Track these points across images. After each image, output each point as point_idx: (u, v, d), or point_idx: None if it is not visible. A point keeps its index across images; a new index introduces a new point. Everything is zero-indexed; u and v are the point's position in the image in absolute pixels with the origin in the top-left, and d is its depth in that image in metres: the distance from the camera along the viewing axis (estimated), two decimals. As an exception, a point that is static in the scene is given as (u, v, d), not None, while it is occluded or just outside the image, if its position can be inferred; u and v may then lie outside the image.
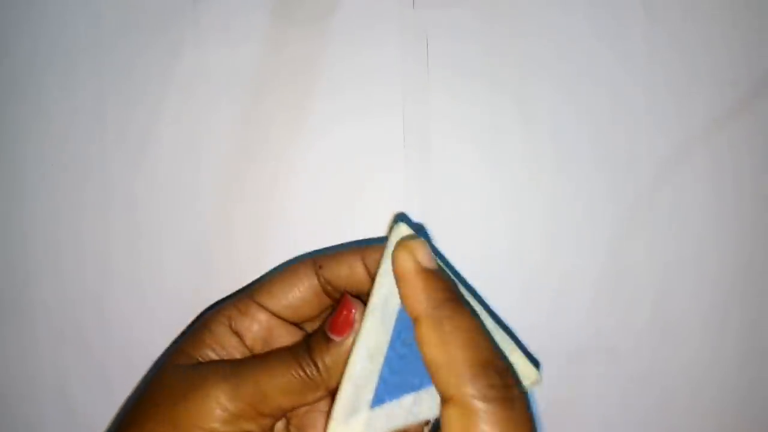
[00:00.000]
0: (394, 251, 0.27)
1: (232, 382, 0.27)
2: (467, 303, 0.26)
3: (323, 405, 0.31)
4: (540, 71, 0.36)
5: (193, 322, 0.36)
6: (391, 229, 0.28)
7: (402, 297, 0.26)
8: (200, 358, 0.29)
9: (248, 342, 0.29)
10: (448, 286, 0.26)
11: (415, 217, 0.36)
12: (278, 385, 0.27)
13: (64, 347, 0.36)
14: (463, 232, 0.36)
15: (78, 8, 0.36)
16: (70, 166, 0.36)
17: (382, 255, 0.28)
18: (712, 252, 0.36)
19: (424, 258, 0.26)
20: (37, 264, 0.37)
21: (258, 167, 0.36)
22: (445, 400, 0.24)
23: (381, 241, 0.29)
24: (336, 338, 0.27)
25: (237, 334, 0.29)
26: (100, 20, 0.36)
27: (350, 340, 0.27)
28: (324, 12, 0.36)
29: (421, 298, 0.25)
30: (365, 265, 0.29)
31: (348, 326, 0.27)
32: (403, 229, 0.28)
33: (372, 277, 0.28)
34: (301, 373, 0.27)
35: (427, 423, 0.29)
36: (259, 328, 0.29)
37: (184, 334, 0.35)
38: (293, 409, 0.28)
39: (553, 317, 0.36)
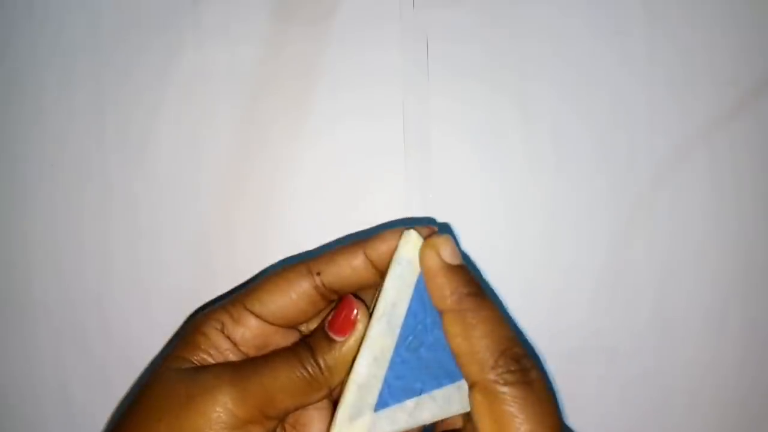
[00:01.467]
0: (421, 248, 0.27)
1: (238, 385, 0.26)
2: (491, 294, 0.27)
3: (317, 403, 0.30)
4: (540, 71, 0.36)
5: (183, 326, 0.35)
6: (401, 235, 0.28)
7: (429, 292, 0.27)
8: (197, 362, 0.28)
9: (242, 348, 0.29)
10: (470, 280, 0.27)
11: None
12: (283, 387, 0.27)
13: (64, 347, 0.36)
14: (463, 232, 0.36)
15: (78, 8, 0.36)
16: (70, 166, 0.36)
17: (386, 249, 0.28)
18: (712, 252, 0.36)
19: (448, 255, 0.27)
20: (37, 264, 0.37)
21: (258, 167, 0.36)
22: (471, 387, 0.26)
23: (377, 231, 0.29)
24: (338, 338, 0.27)
25: (230, 339, 0.29)
26: (100, 20, 0.36)
27: (352, 339, 0.27)
28: (324, 12, 0.36)
29: (446, 294, 0.26)
30: (370, 260, 0.29)
31: (350, 326, 0.27)
32: (413, 236, 0.28)
33: (378, 270, 0.28)
34: (305, 373, 0.27)
35: (424, 427, 0.29)
36: (252, 335, 0.29)
37: (176, 337, 0.35)
38: (296, 409, 0.28)
39: (553, 317, 0.36)
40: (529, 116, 0.36)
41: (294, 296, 0.29)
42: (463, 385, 0.27)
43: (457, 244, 0.29)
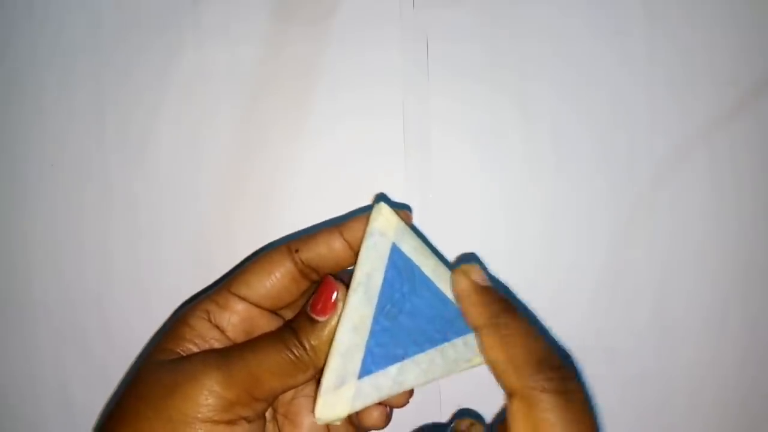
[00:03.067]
0: (453, 274, 0.29)
1: (224, 369, 0.27)
2: (523, 309, 0.28)
3: (308, 391, 0.31)
4: (540, 71, 0.36)
5: (169, 320, 0.35)
6: (372, 208, 0.29)
7: (463, 312, 0.28)
8: (182, 353, 0.28)
9: (230, 334, 0.29)
10: (502, 298, 0.28)
11: (415, 217, 0.36)
12: (269, 368, 0.27)
13: (64, 347, 0.37)
14: (463, 232, 0.36)
15: (78, 8, 0.36)
16: (70, 166, 0.36)
17: (362, 231, 0.29)
18: (712, 252, 0.36)
19: (478, 277, 0.28)
20: (37, 264, 0.37)
21: (258, 167, 0.36)
22: (509, 396, 0.26)
23: (355, 215, 0.29)
24: (320, 319, 0.28)
25: (217, 327, 0.29)
26: (100, 20, 0.36)
27: (334, 320, 0.28)
28: (324, 12, 0.36)
29: (480, 311, 0.27)
30: (346, 240, 0.29)
31: (331, 307, 0.28)
32: (384, 209, 0.29)
33: (354, 251, 0.29)
34: (290, 355, 0.28)
35: (411, 392, 0.30)
36: (239, 319, 0.29)
37: (160, 332, 0.35)
38: (284, 391, 0.28)
39: (553, 317, 0.36)
40: (529, 116, 0.36)
41: (278, 275, 0.29)
42: (446, 349, 0.28)
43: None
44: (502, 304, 0.27)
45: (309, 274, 0.30)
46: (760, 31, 0.36)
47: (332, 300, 0.28)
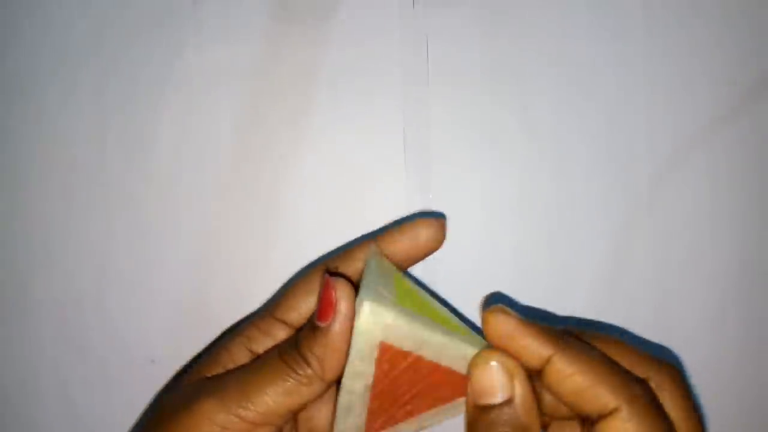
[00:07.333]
0: (488, 316, 0.25)
1: (218, 396, 0.26)
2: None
3: (326, 396, 0.30)
4: (540, 71, 0.36)
5: (212, 344, 0.35)
6: (366, 264, 0.27)
7: (515, 353, 0.25)
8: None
9: None
10: (548, 326, 0.26)
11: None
12: (268, 391, 0.26)
13: (64, 347, 0.36)
14: (463, 234, 0.36)
15: (78, 8, 0.36)
16: (70, 166, 0.36)
17: (396, 239, 0.28)
18: (712, 252, 0.36)
19: (515, 314, 0.26)
20: (37, 264, 0.37)
21: (258, 168, 0.36)
22: (603, 418, 0.24)
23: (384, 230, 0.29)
24: (321, 324, 0.25)
25: (256, 355, 0.28)
26: (100, 20, 0.36)
27: (336, 324, 0.25)
28: (324, 12, 0.36)
29: (542, 342, 0.25)
30: (385, 255, 0.29)
31: (331, 308, 0.25)
32: (374, 264, 0.27)
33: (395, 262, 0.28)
34: (291, 373, 0.26)
35: None
36: None
37: (205, 352, 0.35)
38: (292, 412, 0.27)
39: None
40: (529, 116, 0.36)
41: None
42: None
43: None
44: (554, 330, 0.25)
45: None
46: (760, 31, 0.36)
47: (331, 300, 0.25)
